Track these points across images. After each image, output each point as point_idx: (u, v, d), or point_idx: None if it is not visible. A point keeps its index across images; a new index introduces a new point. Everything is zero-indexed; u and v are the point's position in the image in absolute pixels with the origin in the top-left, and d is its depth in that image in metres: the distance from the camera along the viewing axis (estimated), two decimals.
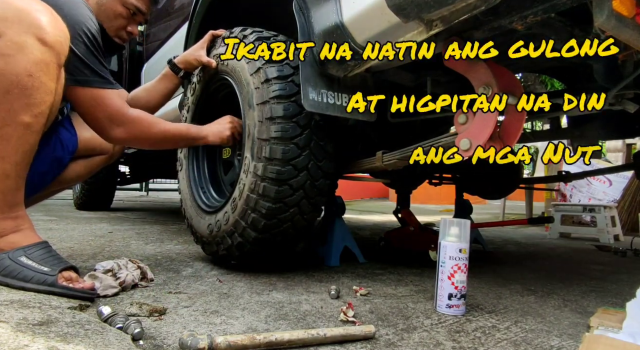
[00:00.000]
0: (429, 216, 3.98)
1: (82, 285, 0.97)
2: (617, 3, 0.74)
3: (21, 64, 0.88)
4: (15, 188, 0.97)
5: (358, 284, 1.31)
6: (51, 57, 0.93)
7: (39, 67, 0.90)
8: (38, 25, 0.89)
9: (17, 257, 0.95)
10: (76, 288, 0.94)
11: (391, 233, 2.01)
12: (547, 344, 0.90)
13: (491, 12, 0.92)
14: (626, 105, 1.28)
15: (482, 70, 1.02)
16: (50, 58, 0.93)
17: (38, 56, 0.90)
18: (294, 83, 1.24)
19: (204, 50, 1.50)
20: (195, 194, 1.59)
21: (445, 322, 1.00)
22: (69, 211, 3.32)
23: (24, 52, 0.87)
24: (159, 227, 2.51)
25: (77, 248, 1.66)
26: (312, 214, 1.36)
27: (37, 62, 0.90)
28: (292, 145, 1.23)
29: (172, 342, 0.79)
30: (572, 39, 0.97)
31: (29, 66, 0.89)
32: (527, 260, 2.04)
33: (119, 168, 3.71)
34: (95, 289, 1.00)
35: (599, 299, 1.32)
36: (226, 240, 1.34)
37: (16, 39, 0.86)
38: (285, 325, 0.92)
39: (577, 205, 3.59)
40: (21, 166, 0.96)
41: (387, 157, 1.31)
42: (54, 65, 0.94)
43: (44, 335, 0.70)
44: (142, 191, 7.23)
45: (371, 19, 0.99)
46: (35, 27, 0.89)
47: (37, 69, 0.91)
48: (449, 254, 1.06)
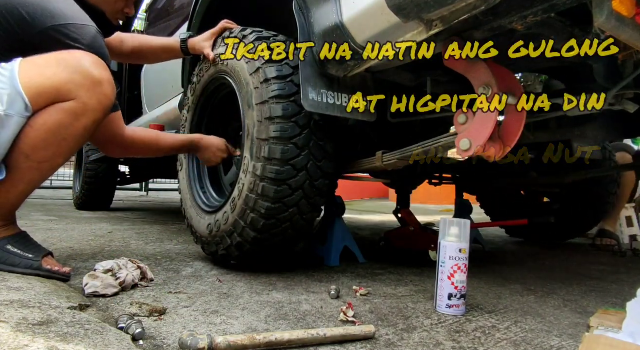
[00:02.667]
0: (429, 216, 3.98)
1: (62, 270, 1.14)
2: (617, 3, 0.74)
3: (84, 122, 1.09)
4: (21, 204, 1.17)
5: (358, 284, 1.31)
6: (104, 116, 1.15)
7: (95, 125, 1.13)
8: (105, 94, 1.11)
9: (3, 246, 1.10)
10: (59, 271, 1.12)
11: (391, 233, 2.01)
12: (547, 344, 0.90)
13: (491, 12, 0.92)
14: (626, 105, 1.28)
15: (482, 70, 1.02)
16: (103, 117, 1.15)
17: (98, 117, 1.12)
18: (294, 83, 1.24)
19: (210, 41, 1.52)
20: (195, 194, 1.59)
21: (445, 322, 1.00)
22: (69, 211, 3.32)
23: (88, 115, 1.09)
24: (159, 227, 2.51)
25: (77, 248, 1.66)
26: (312, 214, 1.36)
27: (96, 122, 1.12)
28: (291, 145, 1.23)
29: (172, 342, 0.79)
30: (572, 39, 0.97)
31: (89, 125, 1.11)
32: (527, 260, 2.04)
33: (119, 168, 3.70)
34: (71, 274, 1.16)
35: (599, 299, 1.32)
36: (226, 240, 1.34)
37: (87, 101, 1.08)
38: (285, 325, 0.92)
39: None
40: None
41: (387, 157, 1.31)
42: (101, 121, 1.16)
43: (44, 335, 0.70)
44: (142, 191, 7.22)
45: (371, 19, 0.99)
46: (103, 96, 1.10)
47: (93, 126, 1.12)
48: (449, 254, 1.06)
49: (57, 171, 1.29)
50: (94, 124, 1.13)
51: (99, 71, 1.10)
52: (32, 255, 1.11)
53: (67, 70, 1.06)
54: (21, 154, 1.06)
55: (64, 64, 1.07)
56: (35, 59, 1.08)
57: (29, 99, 1.04)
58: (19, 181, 1.08)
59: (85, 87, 1.07)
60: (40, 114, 1.06)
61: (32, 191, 1.16)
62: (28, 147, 1.06)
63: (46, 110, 1.06)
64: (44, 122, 1.06)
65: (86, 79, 1.07)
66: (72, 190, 4.04)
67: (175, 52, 1.62)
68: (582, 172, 2.04)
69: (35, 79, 1.05)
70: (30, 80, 1.05)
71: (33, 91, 1.04)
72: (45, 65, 1.07)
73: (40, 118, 1.06)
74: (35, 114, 1.06)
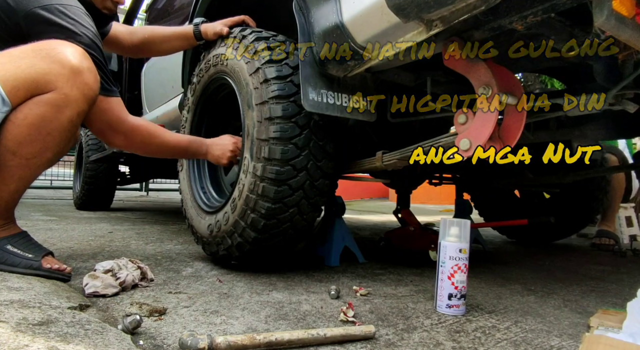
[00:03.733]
0: (429, 216, 3.98)
1: (62, 268, 1.13)
2: (617, 3, 0.74)
3: (68, 114, 1.05)
4: (17, 202, 1.16)
5: (358, 284, 1.31)
6: (88, 107, 1.11)
7: (80, 117, 1.09)
8: (85, 83, 1.06)
9: (3, 246, 1.10)
10: (59, 270, 1.12)
11: (391, 233, 2.01)
12: (547, 344, 0.90)
13: (491, 12, 0.92)
14: (626, 105, 1.28)
15: (482, 70, 1.02)
16: (88, 107, 1.11)
17: (82, 108, 1.08)
18: (293, 83, 1.24)
19: (226, 27, 1.49)
20: (195, 194, 1.59)
21: (445, 322, 1.00)
22: (69, 211, 3.32)
23: (71, 106, 1.05)
24: (159, 227, 2.51)
25: (77, 248, 1.66)
26: (312, 214, 1.36)
27: (79, 113, 1.08)
28: (291, 146, 1.23)
29: (172, 342, 0.79)
30: (572, 39, 0.97)
31: (74, 117, 1.07)
32: (527, 260, 2.04)
33: (119, 168, 3.70)
34: (71, 273, 1.16)
35: (599, 299, 1.32)
36: (226, 241, 1.34)
37: (67, 92, 1.03)
38: (285, 325, 0.92)
39: None
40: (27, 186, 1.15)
41: (387, 157, 1.31)
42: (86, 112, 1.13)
43: (44, 335, 0.70)
44: (142, 191, 7.22)
45: (371, 19, 0.99)
46: (83, 85, 1.06)
47: (78, 118, 1.09)
48: (449, 254, 1.06)
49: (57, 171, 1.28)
50: (78, 116, 1.09)
51: (78, 59, 1.06)
52: (32, 255, 1.11)
53: (45, 61, 1.02)
54: (7, 151, 1.03)
55: (40, 54, 1.03)
56: (11, 51, 1.05)
57: (6, 93, 1.00)
58: (10, 179, 1.06)
59: (64, 77, 1.03)
60: (20, 108, 1.02)
61: (25, 188, 1.14)
62: (13, 144, 1.03)
63: (26, 104, 1.02)
64: (24, 116, 1.02)
65: (64, 67, 1.03)
66: (72, 190, 4.04)
67: (188, 37, 1.59)
68: (582, 172, 2.04)
69: (12, 71, 1.01)
70: (6, 73, 1.01)
71: (9, 84, 1.00)
72: (21, 56, 1.03)
73: (20, 113, 1.02)
74: (16, 108, 1.02)
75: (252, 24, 1.51)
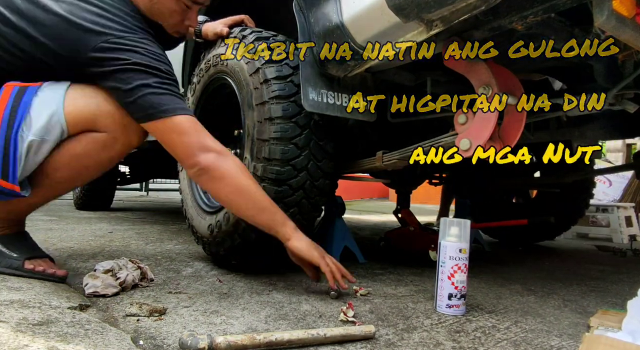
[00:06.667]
0: (429, 216, 3.98)
1: (50, 271, 1.10)
2: (617, 3, 0.74)
3: (110, 154, 1.14)
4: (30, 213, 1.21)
5: (358, 284, 1.31)
6: (129, 151, 1.20)
7: (118, 157, 1.18)
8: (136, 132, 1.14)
9: None
10: (45, 272, 1.09)
11: (391, 233, 2.01)
12: (547, 344, 0.90)
13: (491, 12, 0.92)
14: (626, 105, 1.28)
15: (482, 70, 1.02)
16: (128, 151, 1.20)
17: (124, 151, 1.17)
18: (293, 83, 1.24)
19: (226, 27, 1.49)
20: (196, 194, 1.58)
21: (445, 322, 1.00)
22: (69, 211, 3.32)
23: (116, 148, 1.14)
24: (159, 227, 2.51)
25: (77, 248, 1.66)
26: (312, 214, 1.35)
27: (120, 154, 1.17)
28: (292, 146, 1.23)
29: (172, 342, 0.79)
30: (572, 39, 0.97)
31: (114, 156, 1.16)
32: (527, 260, 2.04)
33: (119, 168, 3.70)
34: (65, 276, 1.13)
35: (599, 299, 1.32)
36: (227, 241, 1.34)
37: (118, 136, 1.12)
38: (285, 325, 0.92)
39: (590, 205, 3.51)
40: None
41: (387, 157, 1.31)
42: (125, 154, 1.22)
43: (44, 335, 0.70)
44: (142, 191, 7.21)
45: (371, 19, 0.99)
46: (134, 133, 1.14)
47: (117, 158, 1.18)
48: (449, 254, 1.06)
49: None
50: (118, 156, 1.17)
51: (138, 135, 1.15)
52: (17, 254, 1.10)
53: (112, 105, 1.09)
54: (42, 172, 1.07)
55: (110, 98, 1.09)
56: (84, 87, 1.09)
57: (68, 126, 1.05)
58: (33, 195, 1.08)
59: (121, 126, 1.11)
60: (71, 140, 1.07)
61: (41, 205, 1.19)
62: (50, 168, 1.07)
63: (78, 137, 1.08)
64: (72, 147, 1.08)
65: (125, 118, 1.10)
66: (72, 190, 4.04)
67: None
68: (582, 172, 2.04)
69: (80, 108, 1.07)
70: (75, 109, 1.06)
71: (73, 119, 1.05)
72: (92, 95, 1.09)
73: (70, 143, 1.07)
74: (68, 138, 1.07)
75: (252, 24, 1.51)
